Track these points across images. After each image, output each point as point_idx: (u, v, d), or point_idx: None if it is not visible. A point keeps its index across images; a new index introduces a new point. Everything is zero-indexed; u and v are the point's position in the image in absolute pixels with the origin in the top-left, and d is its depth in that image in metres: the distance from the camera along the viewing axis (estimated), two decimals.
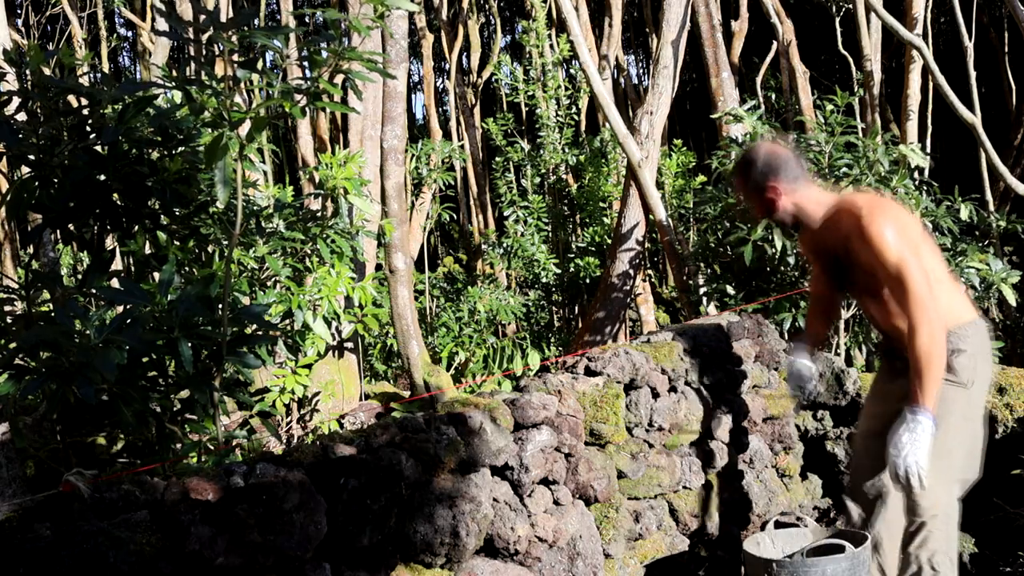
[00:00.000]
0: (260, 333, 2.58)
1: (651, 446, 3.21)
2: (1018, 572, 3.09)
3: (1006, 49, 14.65)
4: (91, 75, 16.09)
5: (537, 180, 10.52)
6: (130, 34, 21.05)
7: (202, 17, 2.28)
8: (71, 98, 2.76)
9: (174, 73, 2.85)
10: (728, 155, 5.37)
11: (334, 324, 4.35)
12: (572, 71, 11.07)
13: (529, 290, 9.86)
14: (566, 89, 10.59)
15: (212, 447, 2.68)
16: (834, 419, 3.99)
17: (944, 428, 2.41)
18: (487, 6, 17.23)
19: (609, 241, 9.09)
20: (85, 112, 2.64)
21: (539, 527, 2.60)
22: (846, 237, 2.52)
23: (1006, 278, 4.79)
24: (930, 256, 2.50)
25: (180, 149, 2.88)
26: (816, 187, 2.70)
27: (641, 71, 22.04)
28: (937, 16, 17.66)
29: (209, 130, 3.03)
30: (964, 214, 4.91)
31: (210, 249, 3.28)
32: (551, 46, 10.88)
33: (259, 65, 2.37)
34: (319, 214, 4.28)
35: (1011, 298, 4.76)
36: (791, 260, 4.92)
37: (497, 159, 10.40)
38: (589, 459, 2.84)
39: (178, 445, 2.76)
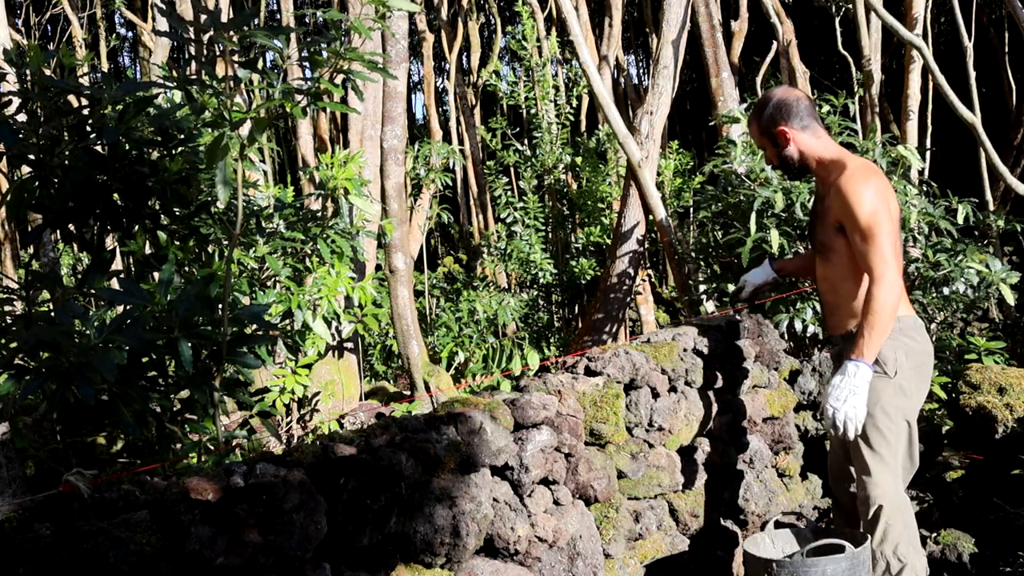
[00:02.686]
0: (260, 333, 2.58)
1: (651, 446, 3.21)
2: (1018, 572, 3.09)
3: (1006, 49, 14.65)
4: (91, 75, 16.09)
5: (534, 181, 10.53)
6: (130, 34, 21.06)
7: (203, 17, 2.28)
8: (71, 98, 2.76)
9: (174, 73, 2.86)
10: (727, 157, 5.37)
11: (334, 324, 4.35)
12: (571, 72, 11.08)
13: (528, 291, 9.87)
14: (562, 89, 10.59)
15: (212, 447, 2.68)
16: None
17: (875, 417, 2.51)
18: (487, 6, 17.23)
19: (608, 242, 9.09)
20: (85, 112, 2.64)
21: (539, 527, 2.60)
22: (828, 190, 2.59)
23: (1005, 278, 4.79)
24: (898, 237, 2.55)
25: (180, 149, 2.88)
26: (827, 137, 2.71)
27: (641, 71, 22.05)
28: (937, 16, 17.67)
29: (209, 130, 3.03)
30: (961, 216, 4.92)
31: (210, 249, 3.28)
32: (538, 48, 10.87)
33: (259, 65, 2.37)
34: (319, 214, 4.28)
35: (1010, 298, 4.76)
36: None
37: (489, 163, 10.41)
38: (589, 459, 2.84)
39: (178, 445, 2.76)
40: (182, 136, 2.79)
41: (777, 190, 4.63)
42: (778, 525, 3.00)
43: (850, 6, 10.60)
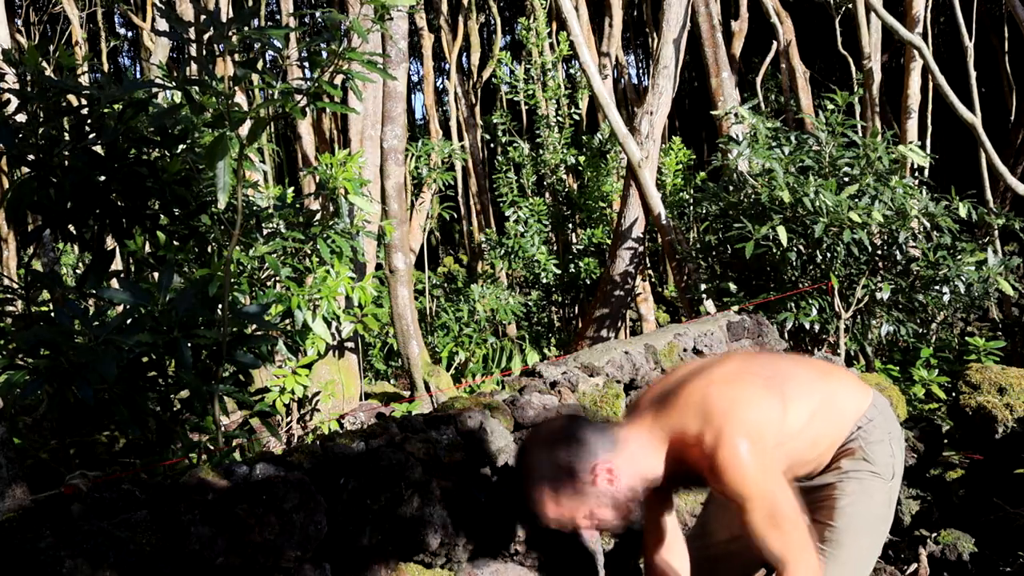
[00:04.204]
0: (260, 333, 2.58)
1: None
2: (1018, 572, 3.09)
3: (1006, 49, 14.65)
4: (91, 75, 16.10)
5: (534, 179, 10.53)
6: (130, 34, 21.07)
7: (202, 17, 2.28)
8: (71, 98, 2.76)
9: (174, 73, 2.86)
10: (728, 153, 5.38)
11: (334, 324, 4.35)
12: (572, 71, 11.08)
13: (530, 290, 9.87)
14: (566, 88, 10.59)
15: (212, 447, 2.68)
16: None
17: (860, 532, 1.99)
18: (487, 6, 17.23)
19: (609, 241, 9.09)
20: (84, 112, 2.64)
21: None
22: (700, 473, 1.82)
23: (1003, 272, 4.80)
24: (799, 393, 1.93)
25: (180, 148, 2.89)
26: (630, 430, 1.88)
27: (641, 71, 22.06)
28: (937, 16, 17.68)
29: (209, 130, 3.03)
30: (963, 212, 4.92)
31: (210, 249, 3.28)
32: (551, 45, 10.89)
33: (259, 65, 2.37)
34: (319, 214, 4.29)
35: (1009, 290, 4.77)
36: (792, 258, 4.93)
37: (499, 158, 10.41)
38: None
39: (178, 445, 2.77)
40: (181, 133, 2.79)
41: (783, 188, 4.63)
42: None
43: (850, 6, 10.61)
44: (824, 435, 2.00)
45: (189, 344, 2.24)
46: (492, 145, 11.89)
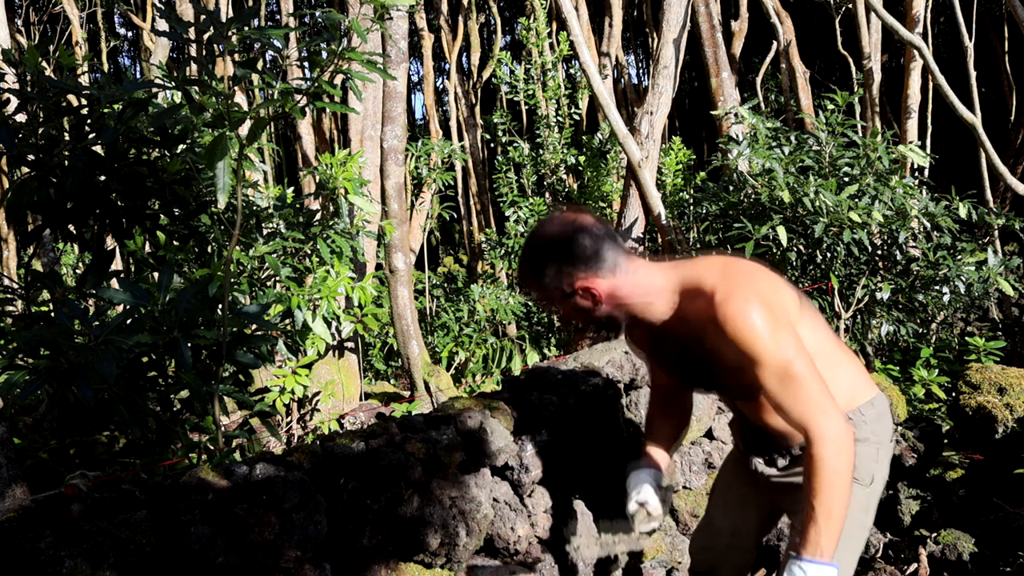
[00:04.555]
0: (260, 333, 2.58)
1: None
2: (1018, 572, 3.09)
3: (1006, 49, 14.65)
4: (91, 75, 16.10)
5: (534, 179, 10.53)
6: (130, 34, 21.07)
7: (202, 17, 2.28)
8: (71, 98, 2.76)
9: (174, 73, 2.86)
10: (728, 153, 5.38)
11: (334, 324, 4.35)
12: (572, 71, 11.08)
13: None
14: (566, 88, 10.59)
15: (212, 447, 2.68)
16: None
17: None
18: (487, 6, 17.23)
19: None
20: (85, 112, 2.64)
21: (539, 527, 2.60)
22: (700, 329, 1.78)
23: (1003, 272, 4.80)
24: (812, 328, 1.86)
25: (180, 148, 2.89)
26: (645, 265, 1.84)
27: (641, 71, 22.05)
28: (937, 16, 17.68)
29: (209, 130, 3.03)
30: (963, 212, 4.92)
31: (210, 249, 3.28)
32: (551, 45, 10.89)
33: (259, 65, 2.37)
34: (319, 214, 4.29)
35: (1009, 290, 4.77)
36: (792, 258, 4.93)
37: (499, 158, 10.41)
38: (589, 459, 2.84)
39: (178, 445, 2.77)
40: (181, 133, 2.79)
41: (783, 188, 4.63)
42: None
43: (850, 6, 10.61)
44: None
45: (189, 344, 2.25)
46: (492, 145, 11.90)
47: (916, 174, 6.80)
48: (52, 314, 2.34)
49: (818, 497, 1.66)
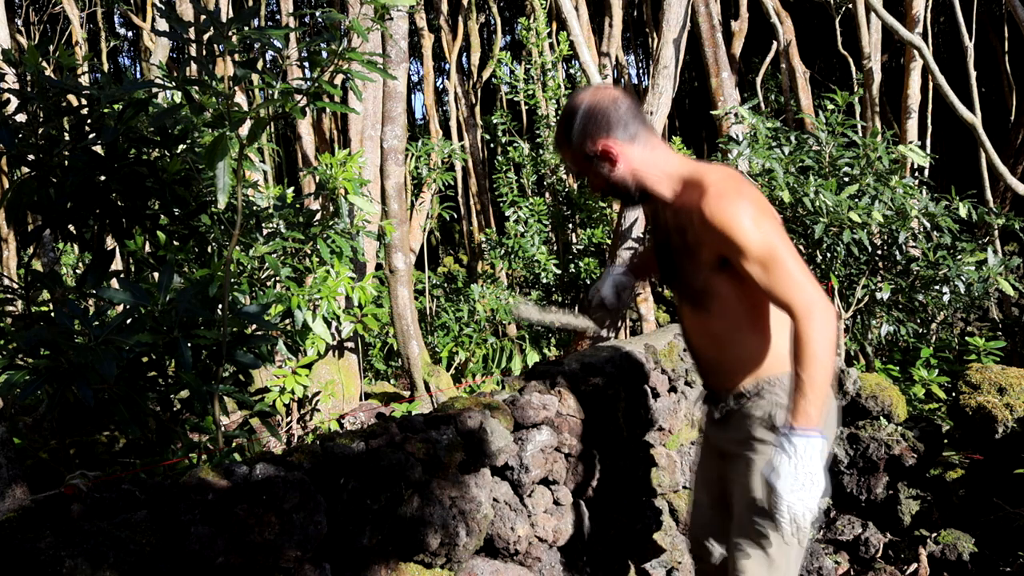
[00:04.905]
0: (260, 333, 2.58)
1: (651, 446, 3.21)
2: (1018, 572, 3.09)
3: (1006, 49, 14.65)
4: (91, 75, 16.10)
5: (534, 179, 10.53)
6: (130, 34, 21.07)
7: (202, 17, 2.28)
8: (71, 98, 2.76)
9: (174, 73, 2.86)
10: (728, 153, 5.37)
11: (334, 324, 4.35)
12: (572, 71, 11.08)
13: (530, 290, 9.87)
14: (566, 88, 10.59)
15: (212, 447, 2.68)
16: None
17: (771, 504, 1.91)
18: (487, 6, 17.22)
19: (609, 241, 9.10)
20: (85, 112, 2.64)
21: (539, 527, 2.60)
22: (687, 218, 1.94)
23: (1003, 272, 4.79)
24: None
25: (180, 148, 2.89)
26: (665, 147, 2.04)
27: (641, 71, 22.04)
28: (937, 16, 17.68)
29: (209, 130, 3.03)
30: (963, 212, 4.92)
31: (210, 249, 3.28)
32: (551, 45, 10.89)
33: (259, 65, 2.37)
34: (319, 214, 4.28)
35: (1009, 290, 4.77)
36: None
37: (500, 158, 10.41)
38: (589, 459, 2.84)
39: (178, 445, 2.77)
40: (181, 133, 2.79)
41: (783, 188, 4.63)
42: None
43: (850, 6, 10.61)
44: (758, 338, 2.02)
45: (189, 344, 2.24)
46: (492, 145, 11.89)
47: (916, 174, 6.80)
48: (52, 314, 2.34)
49: (805, 368, 1.77)
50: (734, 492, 2.11)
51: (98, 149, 2.62)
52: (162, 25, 12.31)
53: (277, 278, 3.87)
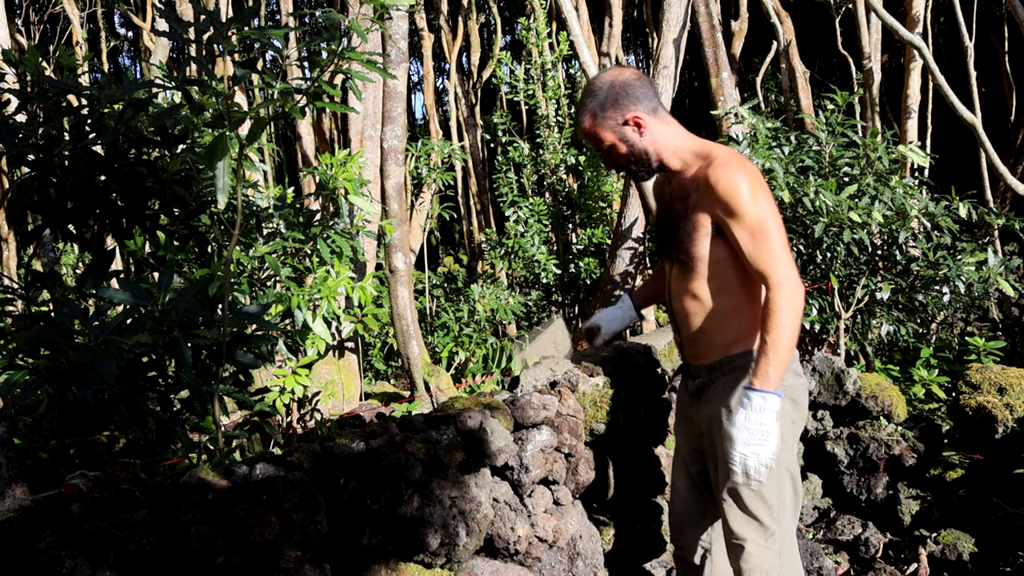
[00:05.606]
0: (260, 333, 2.58)
1: (651, 446, 3.21)
2: (1018, 572, 3.09)
3: (1006, 49, 14.65)
4: (91, 75, 16.10)
5: (534, 179, 10.52)
6: (130, 34, 21.07)
7: (202, 17, 2.28)
8: (71, 98, 2.76)
9: (174, 73, 2.86)
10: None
11: (334, 324, 4.35)
12: (572, 71, 11.07)
13: (530, 290, 9.87)
14: (566, 88, 10.59)
15: (212, 447, 2.68)
16: (834, 419, 3.99)
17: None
18: (487, 6, 17.22)
19: (609, 241, 9.10)
20: (85, 112, 2.64)
21: (539, 527, 2.60)
22: (691, 184, 2.10)
23: (1003, 272, 4.79)
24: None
25: (180, 148, 2.88)
26: (676, 123, 2.19)
27: (641, 71, 22.03)
28: (937, 16, 17.68)
29: (209, 130, 3.03)
30: (963, 212, 4.92)
31: (209, 249, 3.28)
32: (551, 45, 10.88)
33: (259, 65, 2.37)
34: (319, 214, 4.28)
35: (1009, 290, 4.76)
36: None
37: (499, 158, 10.41)
38: (589, 459, 2.84)
39: (178, 445, 2.76)
40: (181, 133, 2.79)
41: (783, 188, 4.63)
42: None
43: (850, 6, 10.60)
44: (737, 313, 2.13)
45: (189, 344, 2.24)
46: (492, 145, 11.89)
47: (916, 174, 6.79)
48: (52, 314, 2.34)
49: (770, 332, 1.94)
50: (716, 468, 2.16)
51: (98, 149, 2.62)
52: (162, 25, 12.30)
53: (277, 278, 3.87)
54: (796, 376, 2.18)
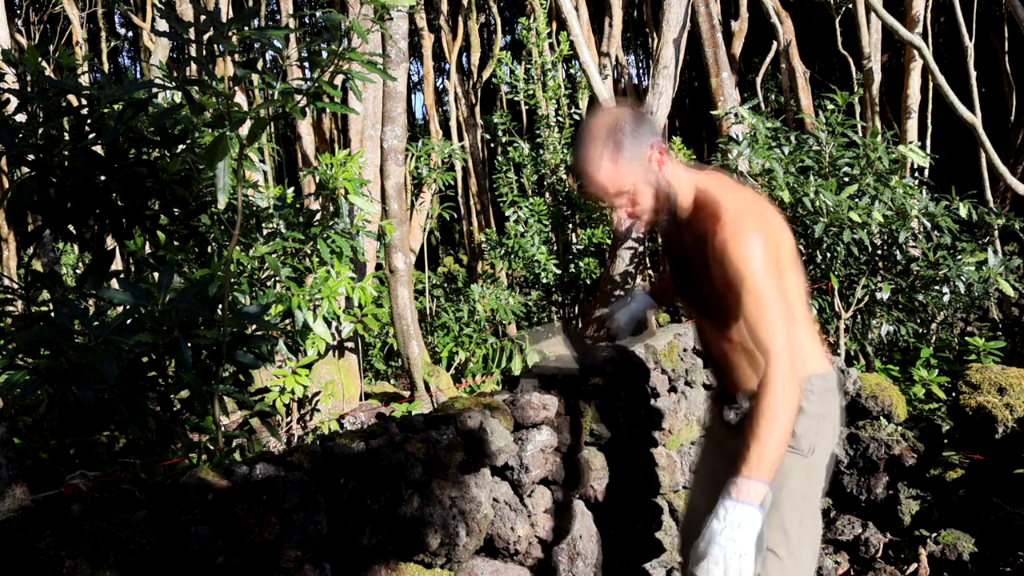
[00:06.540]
0: (260, 333, 2.58)
1: (651, 446, 3.21)
2: (1018, 572, 3.09)
3: (1006, 49, 14.65)
4: (91, 75, 16.09)
5: (534, 179, 10.53)
6: (130, 34, 21.08)
7: (202, 17, 2.28)
8: (71, 98, 2.76)
9: (174, 73, 2.86)
10: (728, 153, 5.37)
11: (334, 324, 4.35)
12: (572, 71, 11.08)
13: (530, 290, 9.87)
14: (566, 88, 10.59)
15: (212, 447, 2.68)
16: None
17: (780, 505, 1.92)
18: (487, 6, 17.22)
19: (609, 241, 9.10)
20: (85, 112, 2.64)
21: (539, 527, 2.60)
22: (702, 240, 1.94)
23: (1003, 272, 4.79)
24: (794, 285, 1.96)
25: (180, 148, 2.88)
26: (675, 159, 2.03)
27: (641, 71, 22.03)
28: (937, 16, 17.68)
29: (209, 130, 3.03)
30: (963, 212, 4.92)
31: (209, 249, 3.28)
32: (551, 45, 10.89)
33: (259, 65, 2.37)
34: (319, 214, 4.28)
35: (1009, 290, 4.76)
36: None
37: (499, 158, 10.41)
38: (589, 459, 2.84)
39: (178, 445, 2.77)
40: (181, 133, 2.79)
41: (783, 188, 4.63)
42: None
43: (850, 6, 10.60)
44: None
45: (189, 344, 2.24)
46: (492, 145, 11.89)
47: (916, 174, 6.80)
48: (52, 314, 2.34)
49: (764, 415, 1.73)
50: None
51: (98, 149, 2.62)
52: (162, 25, 12.30)
53: (277, 278, 3.87)
54: (834, 406, 2.05)
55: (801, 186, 4.69)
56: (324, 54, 2.38)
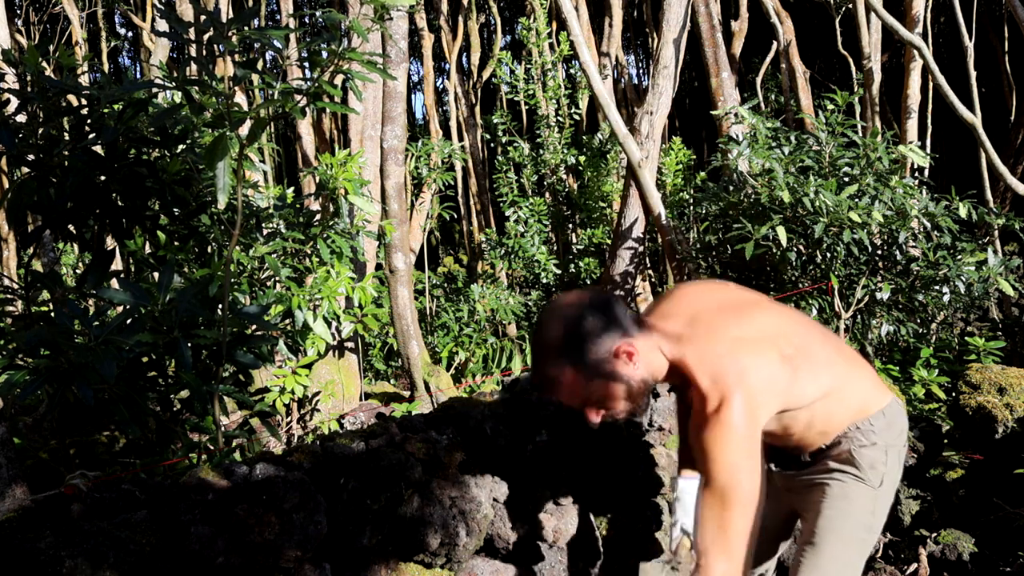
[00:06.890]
0: (260, 333, 2.58)
1: (651, 446, 3.20)
2: (1018, 572, 3.09)
3: (1006, 49, 14.65)
4: (91, 75, 16.10)
5: (534, 179, 10.53)
6: (130, 34, 21.08)
7: (202, 17, 2.28)
8: (71, 98, 2.76)
9: (174, 73, 2.86)
10: (728, 153, 5.38)
11: (334, 324, 4.35)
12: (572, 70, 11.08)
13: (530, 290, 9.87)
14: (566, 88, 10.59)
15: (212, 447, 2.68)
16: None
17: (839, 537, 1.89)
18: (487, 6, 17.23)
19: (609, 241, 9.10)
20: (85, 112, 2.64)
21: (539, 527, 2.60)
22: (697, 401, 1.74)
23: (1003, 272, 4.79)
24: (811, 370, 1.82)
25: (180, 148, 2.89)
26: (647, 322, 1.82)
27: (641, 71, 22.04)
28: (937, 16, 17.68)
29: (209, 130, 3.03)
30: (963, 212, 4.92)
31: (210, 249, 3.28)
32: (551, 45, 10.89)
33: (259, 65, 2.37)
34: (319, 214, 4.29)
35: (1009, 290, 4.77)
36: (792, 258, 4.93)
37: (499, 158, 10.41)
38: (589, 459, 2.84)
39: (178, 445, 2.77)
40: (181, 133, 2.79)
41: (783, 188, 4.63)
42: None
43: (850, 6, 10.60)
44: (821, 419, 1.92)
45: (189, 344, 2.25)
46: (492, 145, 11.90)
47: (916, 174, 6.80)
48: (52, 314, 2.34)
49: None
50: (806, 519, 2.02)
51: (98, 149, 2.62)
52: (162, 25, 12.31)
53: (277, 278, 3.87)
54: (901, 436, 1.99)
55: (801, 186, 4.69)
56: (324, 54, 2.38)
